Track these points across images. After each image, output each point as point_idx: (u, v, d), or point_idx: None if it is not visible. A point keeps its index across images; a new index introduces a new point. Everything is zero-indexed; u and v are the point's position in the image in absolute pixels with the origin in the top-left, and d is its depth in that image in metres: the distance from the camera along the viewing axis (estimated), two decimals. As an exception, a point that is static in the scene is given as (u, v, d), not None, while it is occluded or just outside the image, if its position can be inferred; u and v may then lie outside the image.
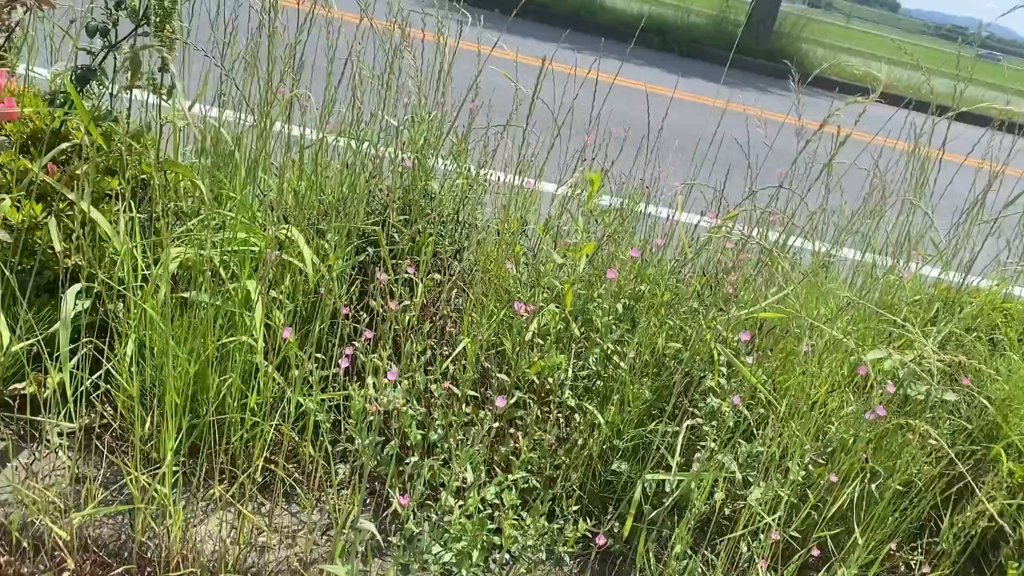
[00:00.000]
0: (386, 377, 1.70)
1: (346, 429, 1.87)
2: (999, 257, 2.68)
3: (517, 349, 1.95)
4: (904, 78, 14.20)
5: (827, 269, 2.52)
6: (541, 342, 2.02)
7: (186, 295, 1.85)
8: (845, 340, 1.82)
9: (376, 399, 1.60)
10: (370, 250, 2.17)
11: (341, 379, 1.90)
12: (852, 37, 26.94)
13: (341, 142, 2.22)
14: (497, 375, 1.96)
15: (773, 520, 1.74)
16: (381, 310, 1.94)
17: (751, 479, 1.80)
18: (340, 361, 1.75)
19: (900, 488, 1.83)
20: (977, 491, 1.88)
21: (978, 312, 2.32)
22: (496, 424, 2.00)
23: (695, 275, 2.27)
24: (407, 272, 2.02)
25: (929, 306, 2.35)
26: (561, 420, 2.00)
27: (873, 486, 1.86)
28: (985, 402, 2.04)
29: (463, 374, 1.96)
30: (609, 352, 2.03)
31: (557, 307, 2.02)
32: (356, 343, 1.80)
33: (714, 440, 1.78)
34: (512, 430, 2.04)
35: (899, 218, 2.44)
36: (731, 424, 1.81)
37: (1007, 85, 18.32)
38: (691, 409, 1.95)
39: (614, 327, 2.03)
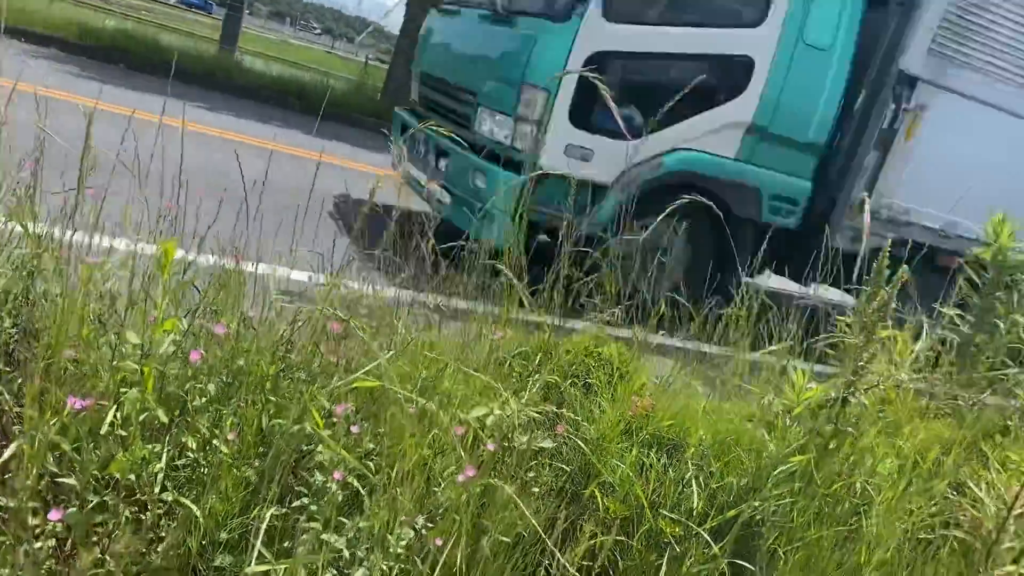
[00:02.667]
0: None
1: None
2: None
3: (90, 446, 1.68)
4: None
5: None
6: (124, 434, 1.77)
7: None
8: (428, 405, 1.84)
9: None
10: None
11: None
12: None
13: None
14: (61, 480, 1.68)
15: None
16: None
17: (360, 554, 1.73)
18: None
19: (507, 540, 1.87)
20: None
21: (573, 359, 2.51)
22: (70, 536, 1.71)
23: (306, 342, 2.18)
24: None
25: (533, 356, 2.50)
26: (153, 518, 1.76)
27: (484, 542, 1.88)
28: (581, 444, 2.19)
29: (22, 482, 1.65)
30: (207, 436, 1.85)
31: (140, 392, 1.79)
32: None
33: (318, 520, 1.67)
34: (95, 538, 1.75)
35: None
36: (338, 500, 1.72)
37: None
38: (299, 488, 1.83)
39: (209, 409, 1.85)
